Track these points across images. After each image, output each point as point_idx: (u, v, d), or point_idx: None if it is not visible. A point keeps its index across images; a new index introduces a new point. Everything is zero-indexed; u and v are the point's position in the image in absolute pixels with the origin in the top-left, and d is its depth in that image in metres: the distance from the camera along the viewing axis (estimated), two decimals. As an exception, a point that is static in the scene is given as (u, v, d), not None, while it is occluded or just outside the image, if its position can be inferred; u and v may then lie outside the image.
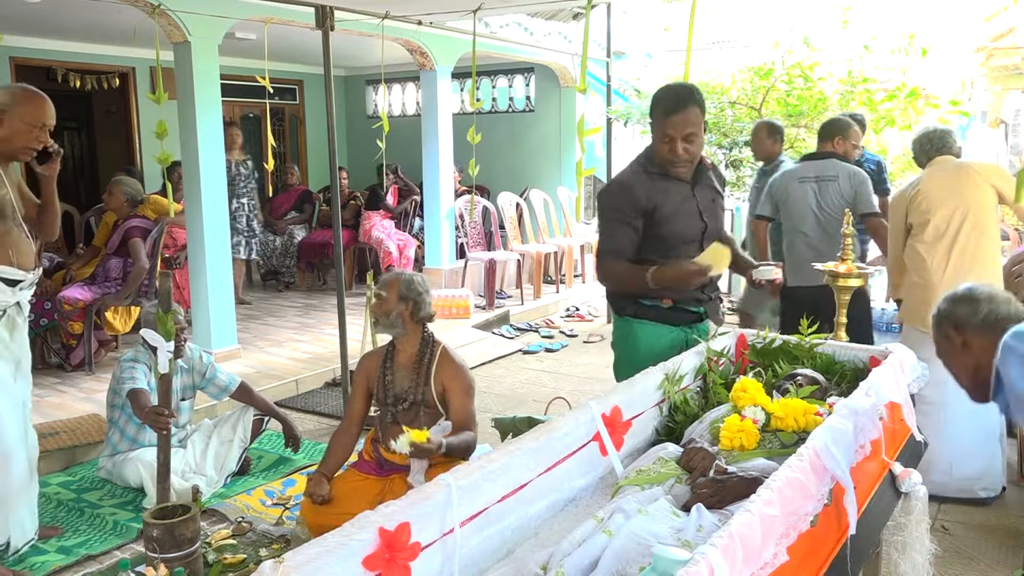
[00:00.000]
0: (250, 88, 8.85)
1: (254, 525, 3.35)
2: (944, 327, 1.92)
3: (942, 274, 3.53)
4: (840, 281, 3.28)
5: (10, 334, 2.98)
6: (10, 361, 2.99)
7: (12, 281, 2.94)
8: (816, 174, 4.19)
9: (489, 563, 1.74)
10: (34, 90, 2.95)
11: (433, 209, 7.72)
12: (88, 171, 10.62)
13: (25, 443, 3.04)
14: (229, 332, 5.58)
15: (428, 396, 3.00)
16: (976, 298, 1.88)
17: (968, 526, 3.38)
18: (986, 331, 1.80)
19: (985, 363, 1.81)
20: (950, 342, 1.91)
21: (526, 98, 9.54)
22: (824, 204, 4.14)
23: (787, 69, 6.90)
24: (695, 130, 2.64)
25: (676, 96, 2.67)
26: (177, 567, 2.50)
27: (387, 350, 3.12)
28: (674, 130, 2.64)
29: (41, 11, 6.02)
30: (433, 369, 3.01)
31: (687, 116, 2.62)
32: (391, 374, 3.06)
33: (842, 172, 4.15)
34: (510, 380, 5.58)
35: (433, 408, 3.00)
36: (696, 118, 2.65)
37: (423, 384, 3.00)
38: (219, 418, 4.00)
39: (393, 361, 3.08)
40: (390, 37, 5.73)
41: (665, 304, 2.76)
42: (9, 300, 2.95)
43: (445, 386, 2.99)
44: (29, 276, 3.00)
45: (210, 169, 5.32)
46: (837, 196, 4.11)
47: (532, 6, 6.44)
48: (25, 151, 2.94)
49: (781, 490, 1.59)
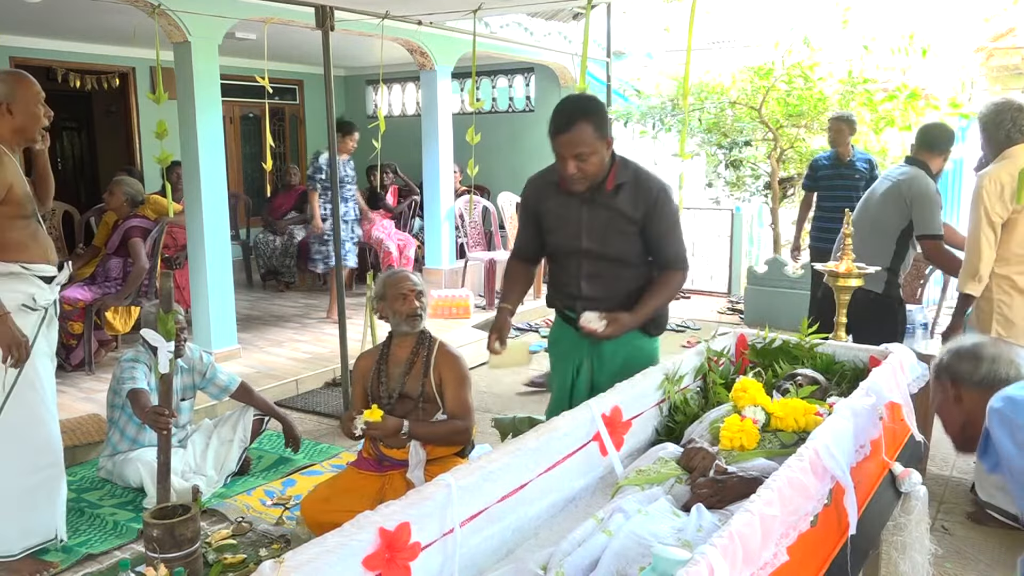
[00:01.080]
0: (250, 88, 8.85)
1: (254, 525, 3.35)
2: (942, 377, 1.93)
3: None
4: (840, 281, 3.28)
5: (49, 330, 3.02)
6: (51, 358, 3.05)
7: (49, 278, 2.96)
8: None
9: (489, 563, 1.74)
10: (20, 71, 2.97)
11: (433, 209, 7.71)
12: (88, 171, 10.62)
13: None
14: (229, 332, 5.58)
15: (428, 390, 3.01)
16: (980, 356, 1.87)
17: (968, 526, 3.38)
18: (981, 391, 1.81)
19: (974, 420, 1.82)
20: (945, 393, 1.92)
21: (526, 98, 9.55)
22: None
23: (787, 69, 6.90)
24: (585, 149, 2.48)
25: (563, 113, 2.52)
26: (177, 567, 2.50)
27: (383, 348, 3.15)
28: (562, 149, 2.52)
29: (41, 11, 6.01)
30: (432, 363, 3.03)
31: (573, 136, 2.47)
32: (385, 371, 3.07)
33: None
34: (510, 380, 5.58)
35: (432, 402, 3.01)
36: (585, 136, 2.47)
37: (421, 377, 3.02)
38: (219, 418, 4.00)
39: (388, 359, 3.10)
40: (390, 37, 5.73)
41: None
42: (50, 298, 2.98)
43: (443, 378, 3.02)
44: (62, 272, 3.02)
45: (210, 169, 5.31)
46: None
47: (532, 6, 6.43)
48: (39, 133, 2.96)
49: (781, 490, 1.59)
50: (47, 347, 3.01)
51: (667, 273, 2.70)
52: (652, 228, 2.64)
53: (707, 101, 7.46)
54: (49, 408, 2.99)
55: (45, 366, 2.98)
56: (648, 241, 2.67)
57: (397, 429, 2.91)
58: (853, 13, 7.06)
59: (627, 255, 2.68)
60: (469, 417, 3.02)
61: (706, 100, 7.46)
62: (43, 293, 2.93)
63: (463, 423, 3.00)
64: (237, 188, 9.09)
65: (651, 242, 2.67)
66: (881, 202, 3.89)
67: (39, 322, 2.94)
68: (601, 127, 2.51)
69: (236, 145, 9.68)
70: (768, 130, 7.20)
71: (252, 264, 8.59)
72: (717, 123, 7.57)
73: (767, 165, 7.54)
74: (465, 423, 3.00)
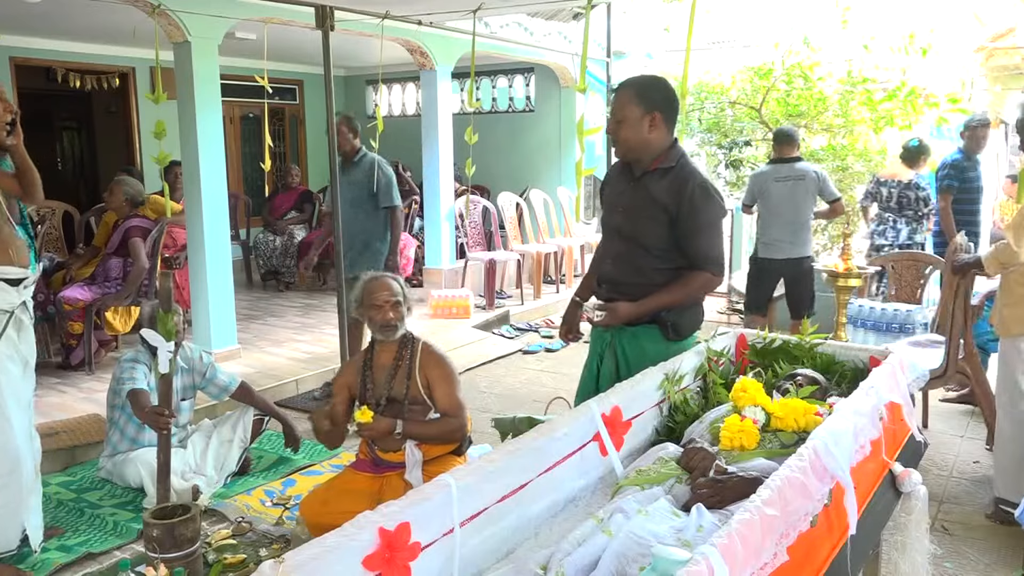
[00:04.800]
0: (250, 88, 8.85)
1: (254, 525, 3.35)
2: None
3: None
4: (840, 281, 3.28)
5: (18, 335, 2.97)
6: (19, 362, 2.99)
7: (15, 280, 2.92)
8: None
9: (489, 563, 1.74)
10: None
11: (433, 209, 7.71)
12: (88, 171, 10.62)
13: (31, 444, 3.05)
14: (229, 332, 5.58)
15: (413, 392, 2.99)
16: None
17: (968, 526, 3.38)
18: None
19: None
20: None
21: (526, 98, 9.54)
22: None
23: (787, 69, 6.91)
24: (621, 114, 2.64)
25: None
26: (177, 567, 2.50)
27: (366, 354, 3.12)
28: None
29: (41, 11, 6.01)
30: (416, 364, 3.01)
31: (615, 99, 2.69)
32: (370, 376, 3.05)
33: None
34: (510, 380, 5.58)
35: (421, 403, 3.00)
36: (622, 101, 2.65)
37: (406, 380, 3.00)
38: (219, 418, 4.00)
39: (373, 363, 3.07)
40: (390, 37, 5.73)
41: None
42: (15, 301, 2.93)
43: (429, 378, 3.00)
44: (30, 274, 2.99)
45: (210, 169, 5.31)
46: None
47: (532, 6, 6.44)
48: (2, 130, 2.88)
49: (781, 490, 1.59)
50: (12, 351, 2.92)
51: (691, 272, 2.65)
52: (683, 222, 2.62)
53: (707, 101, 7.47)
54: (8, 416, 2.89)
55: (6, 370, 2.90)
56: (679, 236, 2.64)
57: (390, 429, 2.88)
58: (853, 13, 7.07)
59: (654, 242, 2.65)
60: (462, 414, 3.01)
61: (706, 100, 7.46)
62: (5, 296, 2.88)
63: (456, 420, 2.99)
64: (237, 188, 9.09)
65: (681, 237, 2.64)
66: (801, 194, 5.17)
67: (2, 325, 2.88)
68: (643, 99, 2.61)
69: (236, 145, 9.68)
70: (768, 130, 7.20)
71: (252, 264, 8.59)
72: (717, 123, 7.58)
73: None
74: (458, 420, 2.99)
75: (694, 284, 2.65)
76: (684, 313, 2.70)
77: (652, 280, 2.65)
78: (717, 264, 2.66)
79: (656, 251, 2.66)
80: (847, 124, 6.95)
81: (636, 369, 2.57)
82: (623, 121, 2.63)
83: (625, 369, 2.70)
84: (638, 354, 2.68)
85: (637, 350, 2.69)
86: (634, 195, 2.70)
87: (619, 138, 2.66)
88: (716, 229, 2.68)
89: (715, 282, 2.68)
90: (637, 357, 2.67)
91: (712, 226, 2.66)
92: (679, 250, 2.65)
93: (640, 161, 2.68)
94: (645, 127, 2.61)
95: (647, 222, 2.66)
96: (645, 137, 2.63)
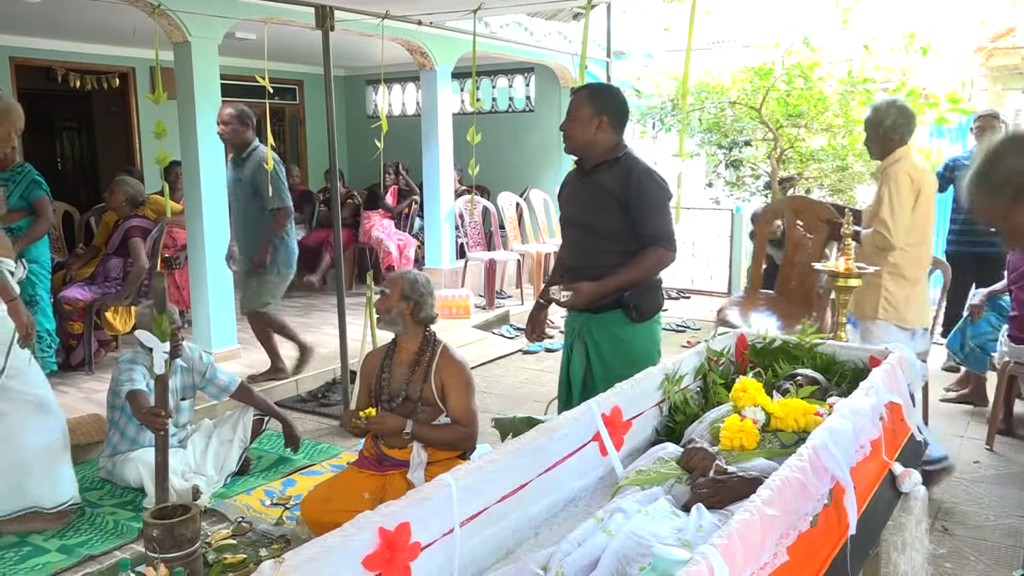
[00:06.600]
0: (250, 88, 8.82)
1: (254, 525, 3.35)
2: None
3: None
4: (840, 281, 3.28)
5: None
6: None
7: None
8: None
9: (489, 563, 1.74)
10: None
11: (433, 209, 7.71)
12: (88, 171, 10.62)
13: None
14: (229, 332, 5.58)
15: (427, 393, 3.01)
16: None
17: (968, 526, 3.38)
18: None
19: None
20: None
21: (526, 98, 9.54)
22: None
23: (787, 69, 6.90)
24: (574, 112, 2.90)
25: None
26: (177, 567, 2.50)
27: (389, 348, 3.15)
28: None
29: (41, 11, 6.01)
30: (433, 367, 3.02)
31: (572, 98, 2.94)
32: (388, 371, 3.08)
33: None
34: (510, 380, 5.58)
35: (433, 405, 3.00)
36: (577, 102, 2.90)
37: (421, 382, 3.01)
38: (219, 418, 4.00)
39: (393, 359, 3.11)
40: (390, 37, 5.73)
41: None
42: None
43: (444, 383, 3.01)
44: (17, 270, 3.02)
45: (210, 169, 5.31)
46: None
47: (532, 6, 6.44)
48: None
49: (781, 490, 1.59)
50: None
51: (645, 250, 2.85)
52: (634, 206, 2.85)
53: (707, 101, 7.46)
54: (39, 382, 3.00)
55: (19, 355, 2.98)
56: (633, 220, 2.86)
57: (400, 428, 2.91)
58: (853, 13, 7.06)
59: (606, 229, 2.88)
60: (473, 424, 3.01)
61: (706, 100, 7.46)
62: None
63: (467, 430, 2.99)
64: (237, 188, 9.08)
65: (635, 220, 2.86)
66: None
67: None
68: (594, 103, 2.88)
69: (236, 145, 9.67)
70: (768, 130, 7.20)
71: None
72: (717, 123, 7.57)
73: (767, 165, 7.54)
74: (469, 430, 2.99)
75: (649, 260, 2.86)
76: (645, 295, 2.91)
77: (607, 262, 2.87)
78: (669, 240, 2.89)
79: (609, 237, 2.89)
80: (847, 124, 6.93)
81: (607, 353, 2.90)
82: (575, 120, 2.89)
83: (595, 355, 2.95)
84: (607, 338, 2.93)
85: (605, 334, 2.93)
86: (585, 188, 2.96)
87: (569, 134, 2.92)
88: (665, 209, 2.91)
89: (669, 257, 2.90)
90: (607, 341, 2.93)
91: (661, 206, 2.90)
92: (631, 234, 2.87)
93: (587, 158, 2.94)
94: (592, 128, 2.88)
95: (599, 210, 2.90)
96: (592, 137, 2.89)
